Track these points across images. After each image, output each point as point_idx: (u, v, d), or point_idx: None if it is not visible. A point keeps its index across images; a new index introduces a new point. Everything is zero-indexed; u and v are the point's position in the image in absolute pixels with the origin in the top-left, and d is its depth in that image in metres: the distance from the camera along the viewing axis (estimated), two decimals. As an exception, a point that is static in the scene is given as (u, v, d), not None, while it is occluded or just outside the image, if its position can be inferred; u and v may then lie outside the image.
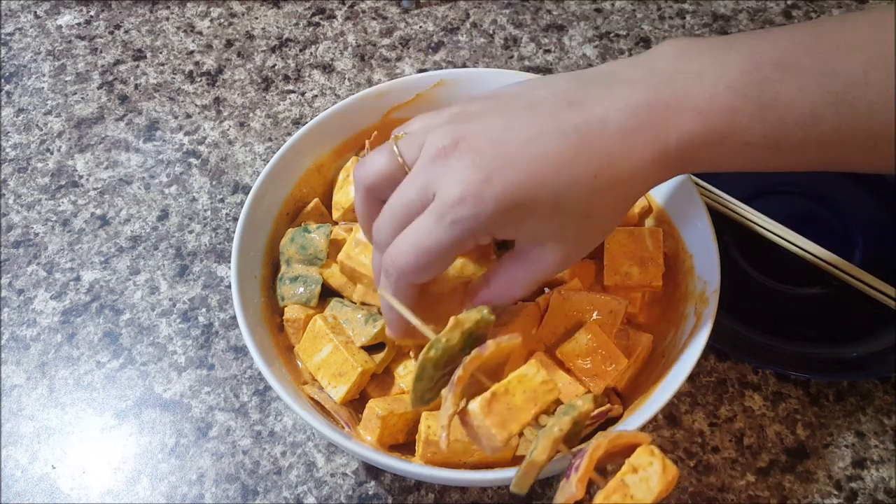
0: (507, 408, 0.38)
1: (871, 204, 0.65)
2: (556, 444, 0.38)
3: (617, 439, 0.38)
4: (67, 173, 0.71)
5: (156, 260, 0.65)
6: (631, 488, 0.36)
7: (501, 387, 0.38)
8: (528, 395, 0.38)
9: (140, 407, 0.57)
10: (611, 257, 0.53)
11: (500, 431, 0.38)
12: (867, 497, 0.52)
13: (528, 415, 0.38)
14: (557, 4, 0.83)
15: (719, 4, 0.83)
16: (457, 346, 0.40)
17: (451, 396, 0.39)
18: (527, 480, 0.39)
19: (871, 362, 0.56)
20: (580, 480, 0.37)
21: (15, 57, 0.80)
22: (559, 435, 0.38)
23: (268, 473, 0.54)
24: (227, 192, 0.69)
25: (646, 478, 0.36)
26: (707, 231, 0.51)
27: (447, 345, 0.39)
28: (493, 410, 0.38)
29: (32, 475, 0.54)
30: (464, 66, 0.78)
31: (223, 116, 0.74)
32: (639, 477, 0.36)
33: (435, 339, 0.39)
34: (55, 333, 0.61)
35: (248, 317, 0.49)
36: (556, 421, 0.38)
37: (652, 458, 0.37)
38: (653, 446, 0.37)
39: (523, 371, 0.39)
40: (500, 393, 0.38)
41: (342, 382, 0.49)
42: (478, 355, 0.38)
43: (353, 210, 0.56)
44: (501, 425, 0.38)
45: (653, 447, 0.37)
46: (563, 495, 0.37)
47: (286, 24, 0.82)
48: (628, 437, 0.38)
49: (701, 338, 0.47)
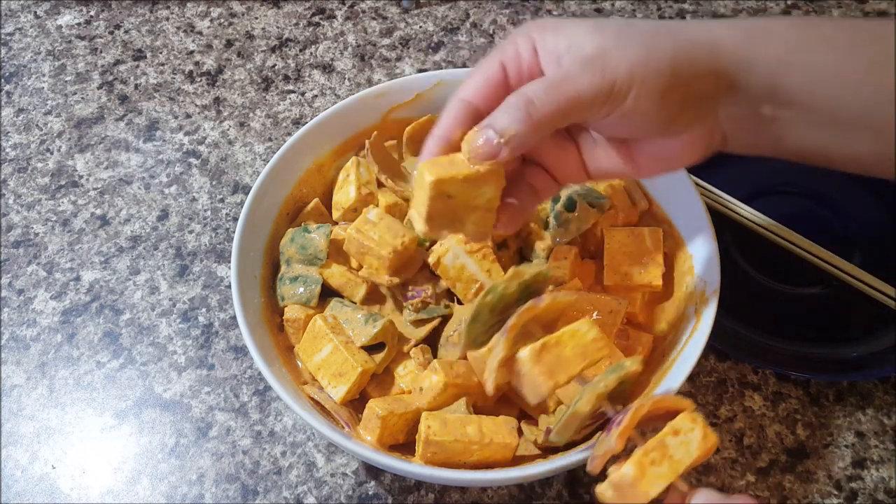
0: (557, 359, 0.39)
1: (871, 204, 0.65)
2: (601, 399, 0.39)
3: (660, 402, 0.38)
4: (67, 173, 0.71)
5: (156, 260, 0.65)
6: (670, 449, 0.36)
7: (553, 338, 0.39)
8: (579, 350, 0.39)
9: (140, 407, 0.57)
10: (611, 257, 0.53)
11: (547, 381, 0.38)
12: (867, 497, 0.52)
13: (575, 368, 0.39)
14: (557, 4, 0.83)
15: (719, 4, 0.83)
16: (513, 296, 0.40)
17: (503, 341, 0.39)
18: (567, 431, 0.41)
19: (871, 362, 0.56)
20: (620, 435, 0.37)
21: (15, 57, 0.80)
22: (604, 391, 0.38)
23: (268, 473, 0.54)
24: (227, 192, 0.69)
25: (686, 442, 0.37)
26: (707, 231, 0.51)
27: (504, 292, 0.40)
28: (542, 360, 0.38)
29: (32, 475, 0.54)
30: (464, 66, 0.78)
31: (223, 116, 0.74)
32: (679, 440, 0.37)
33: (492, 285, 0.40)
34: (55, 333, 0.61)
35: (248, 317, 0.49)
36: (602, 377, 0.39)
37: (693, 425, 0.37)
38: (695, 413, 0.37)
39: (576, 327, 0.39)
40: (551, 344, 0.39)
41: (342, 382, 0.49)
42: (533, 306, 0.39)
43: (353, 210, 0.57)
44: (549, 374, 0.38)
45: (695, 414, 0.37)
46: (601, 448, 0.38)
47: (286, 24, 0.82)
48: (671, 401, 0.38)
49: (701, 338, 0.47)
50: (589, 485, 0.53)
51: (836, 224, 0.64)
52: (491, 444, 0.46)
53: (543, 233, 0.57)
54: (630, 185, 0.58)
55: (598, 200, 0.56)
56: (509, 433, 0.46)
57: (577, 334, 0.39)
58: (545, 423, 0.49)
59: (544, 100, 0.37)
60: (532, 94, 0.38)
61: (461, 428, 0.46)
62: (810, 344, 0.58)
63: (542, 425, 0.49)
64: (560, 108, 0.38)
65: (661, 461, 0.36)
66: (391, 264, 0.52)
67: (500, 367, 0.39)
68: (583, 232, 0.55)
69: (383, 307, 0.54)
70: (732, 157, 0.68)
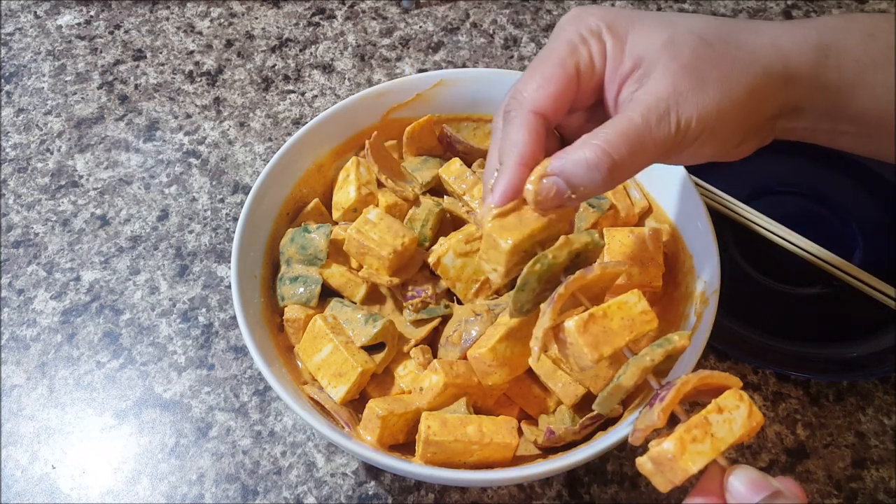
0: (603, 330, 0.38)
1: (871, 204, 0.65)
2: (646, 372, 0.38)
3: (707, 378, 0.37)
4: (67, 173, 0.71)
5: (156, 260, 0.65)
6: (713, 426, 0.36)
7: (600, 310, 0.38)
8: (626, 323, 0.39)
9: (140, 407, 0.57)
10: (611, 257, 0.53)
11: (592, 352, 0.38)
12: (867, 497, 0.52)
13: (622, 340, 0.39)
14: (557, 4, 0.83)
15: (719, 4, 0.83)
16: (562, 264, 0.40)
17: (549, 311, 0.39)
18: (610, 402, 0.40)
19: (871, 362, 0.56)
20: (664, 410, 0.37)
21: (15, 57, 0.80)
22: (650, 365, 0.38)
23: (268, 473, 0.54)
24: (227, 192, 0.69)
25: (730, 419, 0.36)
26: (707, 231, 0.51)
27: (553, 261, 0.39)
28: (588, 330, 0.38)
29: (32, 475, 0.54)
30: (464, 66, 0.78)
31: (223, 116, 0.74)
32: (723, 417, 0.36)
33: (542, 253, 0.39)
34: (55, 333, 0.61)
35: (248, 317, 0.49)
36: (649, 351, 0.38)
37: (739, 403, 0.36)
38: (742, 391, 0.37)
39: (625, 298, 0.39)
40: (599, 315, 0.38)
41: (342, 382, 0.49)
42: (581, 276, 0.39)
43: (353, 210, 0.57)
44: (594, 346, 0.38)
45: (742, 392, 0.37)
46: (643, 421, 0.37)
47: (286, 24, 0.82)
48: (718, 377, 0.38)
49: (701, 338, 0.47)
50: (589, 485, 0.53)
51: (836, 224, 0.64)
52: (491, 444, 0.46)
53: (543, 233, 0.57)
54: (630, 184, 0.58)
55: (598, 200, 0.56)
56: (509, 433, 0.46)
57: (626, 306, 0.39)
58: (545, 423, 0.49)
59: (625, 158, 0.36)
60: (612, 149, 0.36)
61: (461, 428, 0.46)
62: (810, 344, 0.58)
63: (543, 425, 0.49)
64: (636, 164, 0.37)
65: (703, 438, 0.35)
66: (391, 264, 0.52)
67: (545, 335, 0.39)
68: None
69: (383, 307, 0.54)
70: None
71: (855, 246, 0.63)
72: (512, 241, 0.38)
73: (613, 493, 0.52)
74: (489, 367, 0.47)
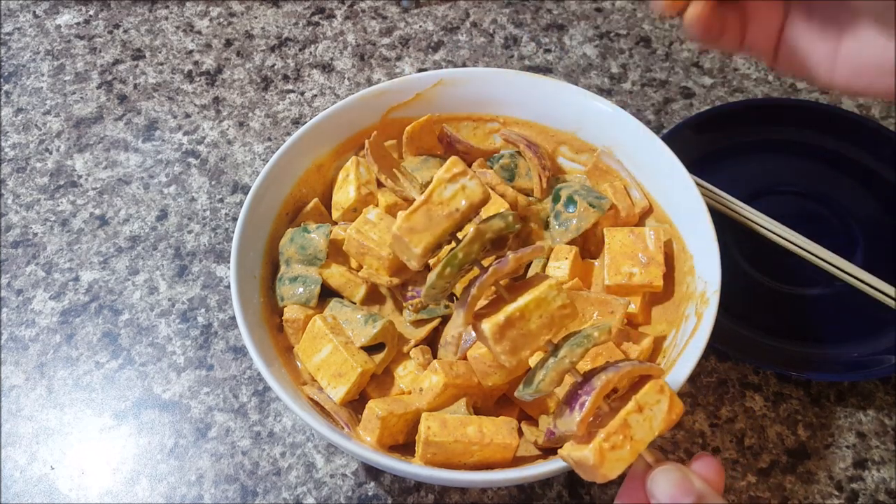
0: (521, 334, 0.37)
1: (871, 204, 0.65)
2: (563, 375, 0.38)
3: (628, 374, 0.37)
4: (66, 173, 0.70)
5: (155, 260, 0.65)
6: (633, 429, 0.35)
7: (517, 310, 0.37)
8: (545, 321, 0.37)
9: (139, 407, 0.57)
10: (611, 257, 0.53)
11: (510, 358, 0.37)
12: (868, 498, 0.52)
13: (541, 341, 0.38)
14: (558, 4, 0.83)
15: (719, 4, 0.83)
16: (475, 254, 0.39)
17: (462, 313, 0.38)
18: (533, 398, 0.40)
19: (872, 362, 0.56)
20: (582, 421, 0.36)
21: (14, 56, 0.80)
22: (569, 367, 0.37)
23: (267, 474, 0.54)
24: (226, 192, 0.69)
25: (650, 417, 0.36)
26: (707, 231, 0.51)
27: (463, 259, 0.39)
28: (505, 336, 0.37)
29: (31, 476, 0.54)
30: (464, 66, 0.78)
31: (222, 116, 0.74)
32: (643, 416, 0.36)
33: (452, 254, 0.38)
34: (54, 334, 0.61)
35: (247, 317, 0.49)
36: (567, 352, 0.37)
37: (660, 396, 0.36)
38: (664, 382, 0.36)
39: (542, 293, 0.38)
40: (515, 318, 0.37)
41: (342, 383, 0.49)
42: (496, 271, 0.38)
43: (353, 210, 0.57)
44: (512, 352, 0.37)
45: (664, 383, 0.36)
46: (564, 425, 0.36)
47: (286, 24, 0.82)
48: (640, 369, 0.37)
49: (701, 338, 0.47)
50: (589, 485, 0.53)
51: (836, 224, 0.64)
52: (491, 444, 0.46)
53: (544, 233, 0.56)
54: (631, 184, 0.58)
55: (599, 200, 0.55)
56: (509, 434, 0.46)
57: (544, 302, 0.37)
58: (545, 423, 0.49)
59: None
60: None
61: (461, 428, 0.46)
62: (811, 344, 0.58)
63: (543, 425, 0.49)
64: None
65: (622, 444, 0.35)
66: (391, 264, 0.51)
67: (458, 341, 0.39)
68: (583, 232, 0.55)
69: (383, 307, 0.54)
70: (732, 157, 0.68)
71: (855, 246, 0.63)
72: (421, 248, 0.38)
73: (613, 493, 0.52)
74: (489, 368, 0.47)
